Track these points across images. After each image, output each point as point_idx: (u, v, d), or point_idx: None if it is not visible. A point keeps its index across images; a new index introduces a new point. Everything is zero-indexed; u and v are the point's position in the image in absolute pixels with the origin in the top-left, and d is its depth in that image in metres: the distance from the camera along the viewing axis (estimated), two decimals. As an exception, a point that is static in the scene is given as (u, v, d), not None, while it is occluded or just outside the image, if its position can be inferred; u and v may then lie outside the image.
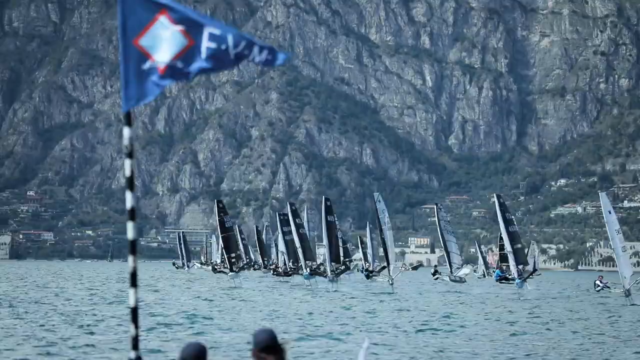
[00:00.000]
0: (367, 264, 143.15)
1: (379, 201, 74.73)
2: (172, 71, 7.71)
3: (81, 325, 35.82)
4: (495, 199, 67.76)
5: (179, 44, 7.67)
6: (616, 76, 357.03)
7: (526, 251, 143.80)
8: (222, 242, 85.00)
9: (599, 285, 75.79)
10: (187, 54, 7.68)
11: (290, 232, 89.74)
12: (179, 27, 7.68)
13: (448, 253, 75.19)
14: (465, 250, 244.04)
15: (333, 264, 77.39)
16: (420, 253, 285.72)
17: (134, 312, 7.84)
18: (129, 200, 7.90)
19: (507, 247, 65.67)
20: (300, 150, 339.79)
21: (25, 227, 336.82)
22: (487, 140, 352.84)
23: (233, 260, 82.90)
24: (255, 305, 51.14)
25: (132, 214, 7.89)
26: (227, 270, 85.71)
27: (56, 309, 44.80)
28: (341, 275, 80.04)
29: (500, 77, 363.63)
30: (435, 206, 77.53)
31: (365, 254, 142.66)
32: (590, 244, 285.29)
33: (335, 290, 71.41)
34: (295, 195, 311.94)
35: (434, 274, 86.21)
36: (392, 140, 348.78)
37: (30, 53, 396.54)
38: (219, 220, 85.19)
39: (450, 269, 74.70)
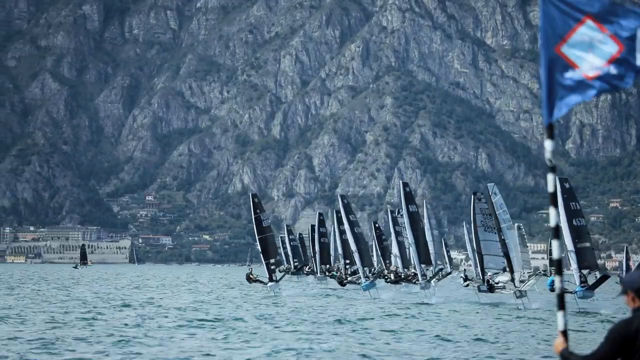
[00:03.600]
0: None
1: (495, 193, 58.07)
2: (604, 79, 7.16)
3: None
4: (557, 184, 51.14)
5: (609, 49, 7.15)
6: None
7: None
8: (260, 245, 70.17)
9: None
10: (619, 59, 7.13)
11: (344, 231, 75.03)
12: (609, 32, 7.15)
13: (481, 256, 58.93)
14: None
15: (423, 266, 62.38)
16: (537, 259, 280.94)
17: (564, 334, 7.45)
18: (552, 217, 7.44)
19: (569, 245, 52.80)
20: (415, 155, 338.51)
21: (144, 232, 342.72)
22: (605, 144, 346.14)
23: (272, 266, 69.43)
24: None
25: (557, 232, 7.56)
26: (264, 280, 71.39)
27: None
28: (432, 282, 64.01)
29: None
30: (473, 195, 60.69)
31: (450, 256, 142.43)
32: None
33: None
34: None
35: (464, 281, 67.97)
36: (507, 144, 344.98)
37: (149, 60, 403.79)
38: (255, 218, 69.95)
39: (483, 276, 59.31)
